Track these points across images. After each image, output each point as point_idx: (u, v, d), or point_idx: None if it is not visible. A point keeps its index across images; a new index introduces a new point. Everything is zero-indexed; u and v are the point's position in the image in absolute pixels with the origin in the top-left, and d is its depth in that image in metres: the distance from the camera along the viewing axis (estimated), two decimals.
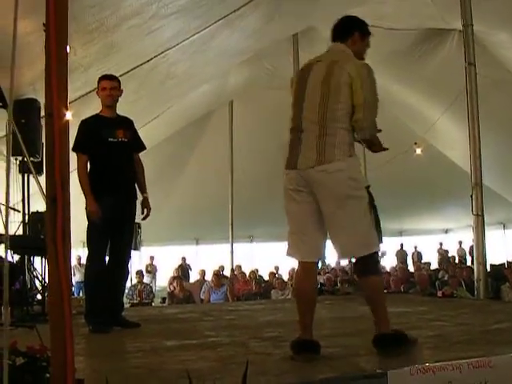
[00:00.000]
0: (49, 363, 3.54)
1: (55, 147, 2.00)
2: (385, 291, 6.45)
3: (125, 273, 7.62)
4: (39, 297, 10.05)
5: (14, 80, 2.41)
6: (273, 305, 10.75)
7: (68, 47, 8.77)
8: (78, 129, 7.17)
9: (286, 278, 17.53)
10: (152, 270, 22.73)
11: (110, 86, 7.29)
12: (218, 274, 17.45)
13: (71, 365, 1.84)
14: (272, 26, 15.06)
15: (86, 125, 7.24)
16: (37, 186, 8.58)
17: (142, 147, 7.69)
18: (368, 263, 4.96)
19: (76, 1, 8.02)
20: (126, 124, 7.49)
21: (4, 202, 5.29)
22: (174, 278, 17.68)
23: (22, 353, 3.63)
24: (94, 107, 11.82)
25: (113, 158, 7.14)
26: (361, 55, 5.39)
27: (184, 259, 23.58)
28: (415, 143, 22.35)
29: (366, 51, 5.48)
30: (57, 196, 1.96)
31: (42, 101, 9.90)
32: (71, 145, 4.94)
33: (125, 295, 17.63)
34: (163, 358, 5.05)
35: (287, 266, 21.04)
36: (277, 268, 21.01)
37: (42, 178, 10.21)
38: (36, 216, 10.53)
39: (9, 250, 7.74)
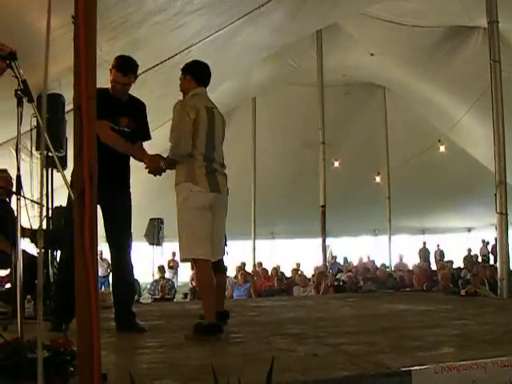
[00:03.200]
0: (73, 357, 3.57)
1: (83, 140, 2.00)
2: (407, 289, 6.63)
3: (124, 269, 6.68)
4: None
5: (47, 75, 2.42)
6: (295, 301, 10.74)
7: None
8: None
9: (308, 274, 17.48)
10: (174, 265, 22.71)
11: (123, 83, 6.56)
12: (244, 271, 17.45)
13: (97, 359, 1.85)
14: (296, 22, 15.03)
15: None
16: (62, 180, 8.61)
17: (148, 137, 6.95)
18: None
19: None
20: (135, 110, 6.74)
21: (30, 197, 5.33)
22: (195, 274, 17.66)
23: (47, 346, 3.64)
24: None
25: (109, 147, 6.11)
26: None
27: (173, 254, 23.34)
28: (439, 140, 22.28)
29: None
30: (85, 189, 1.96)
31: (66, 96, 10.00)
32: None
33: (147, 290, 17.75)
34: (186, 354, 5.06)
35: (308, 262, 21.11)
36: (298, 264, 21.01)
37: (66, 173, 10.28)
38: (59, 210, 10.56)
39: (32, 244, 7.82)
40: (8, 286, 10.18)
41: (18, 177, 4.86)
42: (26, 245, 9.09)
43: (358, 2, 15.89)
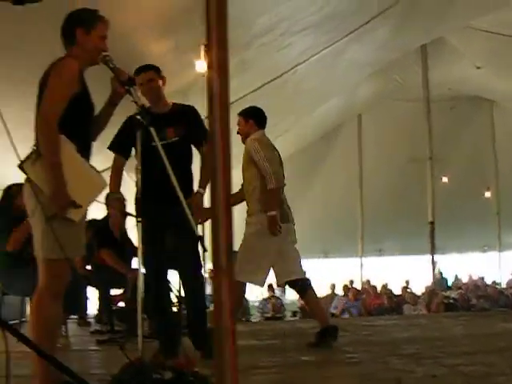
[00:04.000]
0: (196, 378, 3.64)
1: (220, 163, 2.05)
2: None
3: (191, 285, 6.25)
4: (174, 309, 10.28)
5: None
6: (407, 320, 10.63)
7: (205, 64, 8.99)
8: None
9: (417, 292, 17.27)
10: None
11: (147, 79, 6.05)
12: (354, 289, 17.37)
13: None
14: (400, 37, 14.98)
15: (127, 122, 5.90)
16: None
17: (200, 142, 6.18)
18: None
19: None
20: (180, 116, 6.12)
21: None
22: None
23: (170, 367, 3.72)
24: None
25: (158, 163, 5.17)
26: None
27: None
28: None
29: None
30: (221, 213, 2.01)
31: None
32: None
33: (255, 308, 17.83)
34: (304, 374, 5.08)
35: (417, 279, 20.82)
36: (407, 282, 20.72)
37: None
38: None
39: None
40: (121, 304, 10.44)
41: (138, 199, 4.96)
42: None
43: (464, 15, 15.67)
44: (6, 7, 3.09)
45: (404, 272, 22.85)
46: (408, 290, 17.97)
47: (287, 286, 7.44)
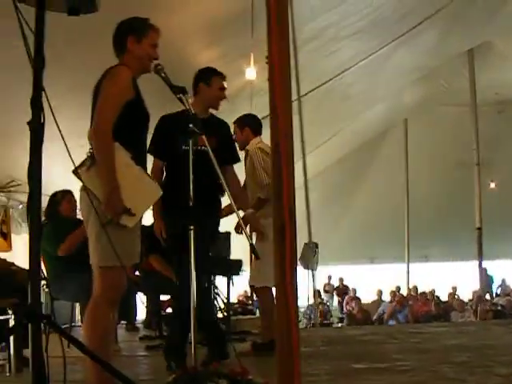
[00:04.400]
0: None
1: (283, 175, 2.08)
2: None
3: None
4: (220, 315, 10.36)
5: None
6: (456, 327, 10.52)
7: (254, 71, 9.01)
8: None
9: (464, 298, 17.12)
10: (329, 289, 22.64)
11: (224, 86, 6.07)
12: (401, 295, 17.28)
13: None
14: (447, 42, 14.90)
15: (161, 122, 5.87)
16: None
17: (235, 159, 6.35)
18: None
19: (257, 28, 8.27)
20: (215, 128, 5.94)
21: None
22: (351, 299, 17.67)
23: (224, 375, 3.74)
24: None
25: (186, 169, 5.06)
26: None
27: (341, 280, 23.21)
28: None
29: None
30: (285, 225, 2.04)
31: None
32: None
33: (302, 314, 17.79)
34: (355, 382, 5.07)
35: (465, 286, 20.63)
36: (454, 288, 20.54)
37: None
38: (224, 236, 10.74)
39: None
40: (169, 311, 10.51)
41: (191, 207, 5.00)
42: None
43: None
44: (58, 16, 3.14)
45: (450, 278, 22.65)
46: (455, 296, 17.82)
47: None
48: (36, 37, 3.01)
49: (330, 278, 22.90)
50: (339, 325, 16.98)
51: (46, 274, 7.23)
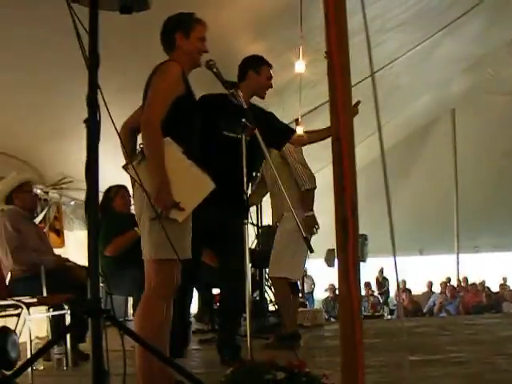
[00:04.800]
0: (308, 378, 3.67)
1: (344, 170, 2.09)
2: None
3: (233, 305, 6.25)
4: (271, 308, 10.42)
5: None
6: (508, 319, 10.46)
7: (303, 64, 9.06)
8: None
9: None
10: (382, 281, 22.49)
11: (271, 76, 6.13)
12: (452, 286, 17.16)
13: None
14: (493, 30, 14.73)
15: (203, 101, 5.47)
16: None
17: (289, 131, 6.35)
18: None
19: (305, 21, 8.26)
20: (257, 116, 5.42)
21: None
22: (402, 290, 17.59)
23: (282, 367, 3.75)
24: (322, 120, 12.09)
25: (227, 156, 5.25)
26: None
27: (381, 271, 22.97)
28: None
29: None
30: (348, 221, 2.05)
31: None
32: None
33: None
34: (411, 374, 5.05)
35: None
36: (505, 279, 20.35)
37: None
38: (267, 229, 10.84)
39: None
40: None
41: (245, 201, 5.06)
42: None
43: None
44: (109, 14, 3.19)
45: (501, 269, 22.44)
46: (506, 287, 17.64)
47: None
48: (90, 36, 3.06)
49: (382, 270, 22.74)
50: (389, 317, 16.94)
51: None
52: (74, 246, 10.45)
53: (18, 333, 6.02)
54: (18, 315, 6.22)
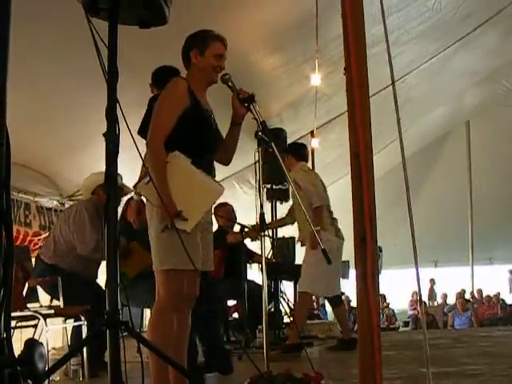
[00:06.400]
0: None
1: (363, 186, 2.11)
2: None
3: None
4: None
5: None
6: None
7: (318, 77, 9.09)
8: None
9: None
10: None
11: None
12: (464, 298, 17.10)
13: None
14: (508, 43, 14.71)
15: None
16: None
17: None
18: None
19: (321, 34, 8.32)
20: None
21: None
22: (416, 302, 17.53)
23: (298, 379, 3.77)
24: (337, 132, 12.11)
25: None
26: None
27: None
28: None
29: None
30: (366, 235, 2.07)
31: (288, 130, 10.37)
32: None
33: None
34: None
35: None
36: None
37: (285, 205, 10.58)
38: (283, 241, 10.87)
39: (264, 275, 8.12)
40: (236, 315, 10.58)
41: (262, 214, 5.11)
42: (255, 275, 9.46)
43: None
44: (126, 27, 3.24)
45: None
46: None
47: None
48: (109, 50, 3.11)
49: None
50: (404, 329, 16.88)
51: None
52: None
53: None
54: (35, 326, 6.25)
